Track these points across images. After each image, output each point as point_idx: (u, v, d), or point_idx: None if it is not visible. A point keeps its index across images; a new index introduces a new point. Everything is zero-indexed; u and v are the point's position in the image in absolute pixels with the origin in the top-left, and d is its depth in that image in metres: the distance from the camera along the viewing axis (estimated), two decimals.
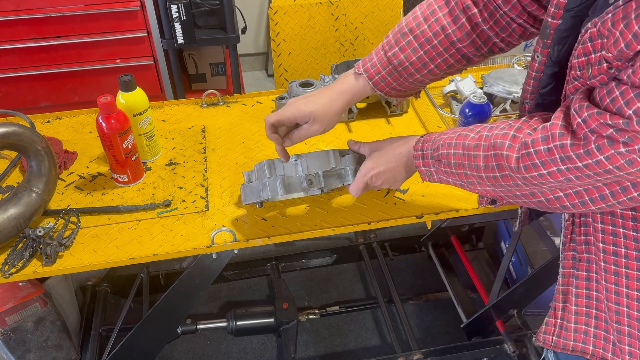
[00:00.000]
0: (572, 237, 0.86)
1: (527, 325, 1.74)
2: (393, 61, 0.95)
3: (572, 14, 0.73)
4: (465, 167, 0.83)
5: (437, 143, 0.88)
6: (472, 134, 0.82)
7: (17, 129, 1.08)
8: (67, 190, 1.26)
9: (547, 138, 0.70)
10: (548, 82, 0.81)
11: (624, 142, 0.62)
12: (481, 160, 0.79)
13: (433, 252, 2.12)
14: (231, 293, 2.10)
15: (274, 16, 2.51)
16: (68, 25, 2.13)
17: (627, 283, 0.77)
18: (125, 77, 1.22)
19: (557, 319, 0.89)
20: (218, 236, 1.12)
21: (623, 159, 0.63)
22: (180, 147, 1.38)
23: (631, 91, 0.61)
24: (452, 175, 0.87)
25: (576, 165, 0.67)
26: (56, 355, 1.60)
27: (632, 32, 0.60)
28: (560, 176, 0.70)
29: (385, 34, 1.07)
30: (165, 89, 2.37)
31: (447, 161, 0.86)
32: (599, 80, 0.67)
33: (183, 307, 1.38)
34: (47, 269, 1.07)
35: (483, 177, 0.81)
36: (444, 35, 0.91)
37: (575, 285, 0.86)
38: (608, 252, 0.78)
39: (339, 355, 1.90)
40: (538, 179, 0.73)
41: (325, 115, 0.98)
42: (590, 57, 0.69)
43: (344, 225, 1.16)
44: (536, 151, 0.71)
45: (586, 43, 0.69)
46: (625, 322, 0.79)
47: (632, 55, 0.62)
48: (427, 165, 0.90)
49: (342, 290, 2.12)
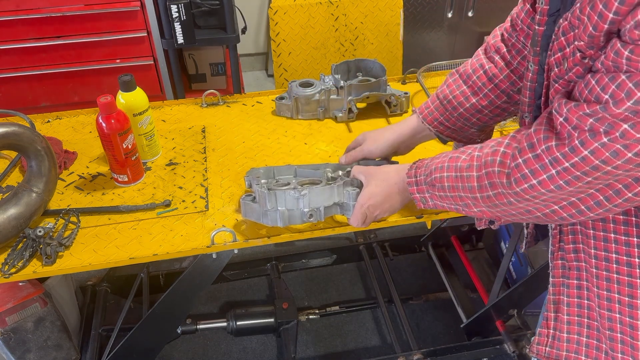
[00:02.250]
0: (561, 246, 0.85)
1: (527, 325, 1.74)
2: (439, 96, 1.07)
3: (554, 19, 0.74)
4: (459, 190, 0.83)
5: (429, 168, 0.89)
6: (464, 156, 0.83)
7: (17, 129, 1.08)
8: (67, 190, 1.26)
9: (533, 145, 0.70)
10: (542, 92, 0.81)
11: (605, 130, 0.61)
12: (474, 180, 0.79)
13: (433, 252, 2.12)
14: (231, 293, 2.10)
15: (274, 16, 2.51)
16: (68, 25, 2.13)
17: (618, 289, 0.77)
18: (125, 77, 1.22)
19: (550, 329, 0.88)
20: (218, 236, 1.12)
21: (607, 150, 0.62)
22: (180, 147, 1.38)
23: (605, 77, 0.62)
24: (446, 199, 0.87)
25: (564, 167, 0.66)
26: (56, 355, 1.60)
27: (597, 13, 0.61)
28: (551, 183, 0.69)
29: (385, 33, 1.14)
30: (165, 89, 2.37)
31: (441, 185, 0.86)
32: (575, 72, 0.68)
33: (183, 307, 1.38)
34: (47, 269, 1.07)
35: (478, 198, 0.80)
36: (482, 71, 1.03)
37: (566, 295, 0.86)
38: (600, 258, 0.78)
39: (339, 355, 1.90)
40: (530, 192, 0.72)
41: (376, 138, 1.13)
42: (565, 52, 0.69)
43: (344, 225, 1.16)
44: (525, 160, 0.71)
45: (560, 38, 0.70)
46: (617, 329, 0.78)
47: (602, 40, 0.62)
48: (421, 192, 0.91)
49: (342, 290, 2.12)
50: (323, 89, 1.45)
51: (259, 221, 1.08)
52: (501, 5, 2.74)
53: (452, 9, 2.74)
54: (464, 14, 2.77)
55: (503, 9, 2.74)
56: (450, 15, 2.77)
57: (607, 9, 0.59)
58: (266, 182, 1.12)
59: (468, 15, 2.77)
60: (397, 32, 2.68)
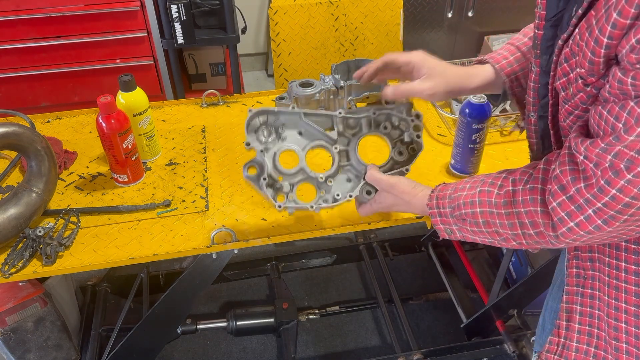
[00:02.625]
0: (576, 254, 0.84)
1: (527, 325, 1.74)
2: (521, 48, 0.95)
3: (551, 24, 0.75)
4: (497, 226, 0.80)
5: (456, 201, 0.85)
6: (496, 190, 0.79)
7: (17, 129, 1.08)
8: (67, 190, 1.26)
9: (564, 187, 0.69)
10: (544, 92, 0.81)
11: (626, 167, 0.61)
12: (515, 217, 0.77)
13: (433, 252, 2.12)
14: (231, 293, 2.10)
15: (274, 16, 2.51)
16: (68, 25, 2.13)
17: (626, 298, 0.76)
18: (125, 77, 1.22)
19: (561, 338, 0.87)
20: (218, 236, 1.12)
21: (635, 187, 0.61)
22: (180, 147, 1.38)
23: (616, 106, 0.62)
24: (480, 234, 0.83)
25: (597, 207, 0.65)
26: (56, 355, 1.60)
27: (593, 38, 0.61)
28: (589, 224, 0.67)
29: (385, 33, 1.07)
30: (165, 89, 2.37)
31: (475, 220, 0.82)
32: (580, 98, 0.68)
33: (183, 307, 1.38)
34: (47, 269, 1.07)
35: (519, 235, 0.78)
36: None
37: (580, 304, 0.85)
38: (612, 265, 0.77)
39: (339, 355, 1.90)
40: (569, 235, 0.70)
41: (443, 78, 0.92)
42: (570, 77, 0.70)
43: (344, 225, 1.16)
44: (560, 203, 0.69)
45: (563, 64, 0.70)
46: (623, 339, 0.78)
47: (602, 68, 0.62)
48: (446, 224, 0.87)
49: (342, 290, 2.12)
50: (323, 89, 1.44)
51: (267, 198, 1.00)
52: (501, 5, 2.74)
53: (452, 9, 2.74)
54: (464, 14, 2.77)
55: (503, 9, 2.74)
56: (450, 15, 2.77)
57: (602, 33, 0.59)
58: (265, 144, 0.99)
59: (468, 15, 2.77)
60: (397, 32, 2.68)
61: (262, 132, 0.99)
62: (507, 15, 2.75)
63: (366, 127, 1.04)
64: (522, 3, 2.72)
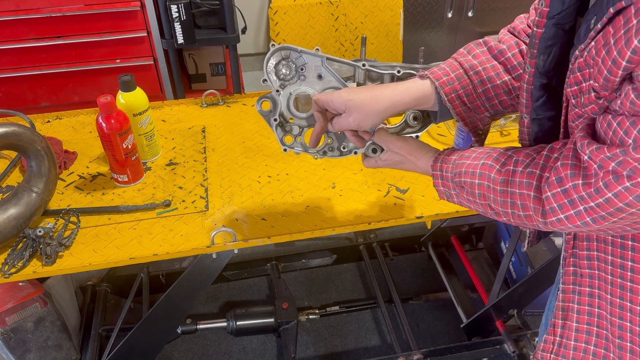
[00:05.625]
0: (574, 252, 0.84)
1: (527, 325, 1.74)
2: (464, 65, 0.93)
3: (554, 22, 0.74)
4: (490, 200, 0.82)
5: (458, 168, 0.87)
6: (497, 166, 0.80)
7: (17, 129, 1.08)
8: (67, 190, 1.26)
9: (561, 179, 0.70)
10: (539, 94, 0.80)
11: (628, 175, 0.61)
12: (508, 196, 0.78)
13: (433, 252, 2.12)
14: (231, 293, 2.10)
15: (274, 16, 2.51)
16: (68, 25, 2.13)
17: (631, 297, 0.76)
18: (125, 77, 1.22)
19: (557, 337, 0.88)
20: (218, 236, 1.12)
21: (631, 195, 0.62)
22: (180, 147, 1.38)
23: (627, 120, 0.62)
24: (474, 204, 0.86)
25: (589, 205, 0.66)
26: (56, 355, 1.60)
27: (611, 59, 0.61)
28: (578, 219, 0.69)
29: (385, 34, 1.07)
30: (165, 89, 2.37)
31: (471, 190, 0.84)
32: (591, 109, 0.68)
33: (183, 307, 1.38)
34: (47, 269, 1.07)
35: (509, 213, 0.80)
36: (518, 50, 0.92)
37: (577, 302, 0.85)
38: (616, 264, 0.77)
39: (339, 355, 1.90)
40: (557, 225, 0.72)
41: (363, 110, 0.91)
42: (582, 86, 0.69)
43: (344, 225, 1.16)
44: (554, 194, 0.70)
45: (576, 72, 0.70)
46: (627, 338, 0.78)
47: (617, 84, 0.62)
48: (446, 187, 0.90)
49: (342, 290, 2.12)
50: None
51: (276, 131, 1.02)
52: (501, 5, 2.74)
53: (452, 9, 2.74)
54: (464, 14, 2.77)
55: (503, 9, 2.74)
56: (450, 15, 2.77)
57: (621, 56, 0.59)
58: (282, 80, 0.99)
59: (468, 15, 2.77)
60: (397, 32, 2.68)
61: (282, 67, 0.99)
62: (507, 15, 2.76)
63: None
64: (522, 3, 2.72)
